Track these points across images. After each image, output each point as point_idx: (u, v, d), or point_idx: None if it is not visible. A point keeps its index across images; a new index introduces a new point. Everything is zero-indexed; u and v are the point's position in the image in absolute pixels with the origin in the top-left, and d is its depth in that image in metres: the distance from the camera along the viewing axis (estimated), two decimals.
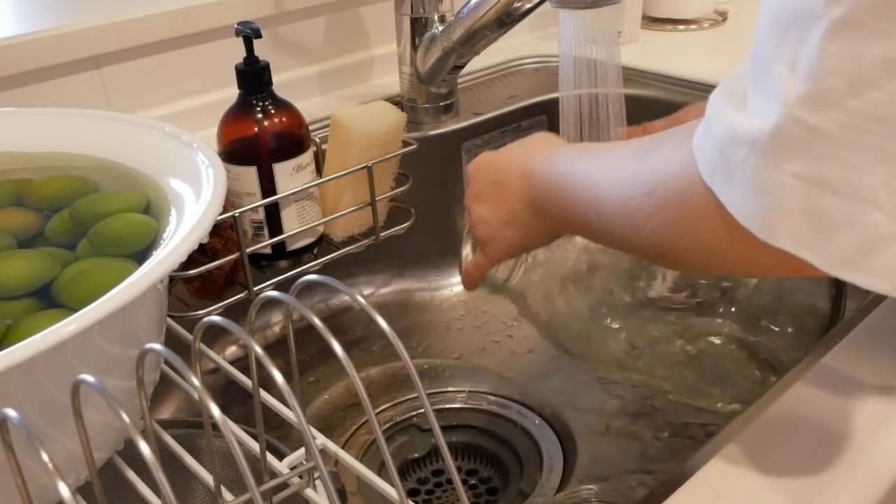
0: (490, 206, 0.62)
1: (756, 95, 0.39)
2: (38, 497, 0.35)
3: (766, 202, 0.38)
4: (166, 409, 0.81)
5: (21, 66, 0.81)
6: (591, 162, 0.54)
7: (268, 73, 0.73)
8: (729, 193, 0.40)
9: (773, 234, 0.38)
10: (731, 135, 0.39)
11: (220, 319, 0.35)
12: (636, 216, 0.48)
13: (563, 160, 0.56)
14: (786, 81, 0.36)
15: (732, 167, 0.39)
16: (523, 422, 0.82)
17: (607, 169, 0.52)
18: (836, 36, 0.35)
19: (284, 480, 0.48)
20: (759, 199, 0.38)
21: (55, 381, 0.37)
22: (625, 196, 0.49)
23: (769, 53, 0.38)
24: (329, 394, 0.87)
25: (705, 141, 0.42)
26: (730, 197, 0.40)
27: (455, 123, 0.99)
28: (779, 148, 0.37)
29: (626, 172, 0.50)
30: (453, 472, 0.39)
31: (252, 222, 0.74)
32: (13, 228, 0.51)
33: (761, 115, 0.38)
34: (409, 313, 0.98)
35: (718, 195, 0.41)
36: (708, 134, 0.41)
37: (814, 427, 0.50)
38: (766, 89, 0.38)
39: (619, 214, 0.49)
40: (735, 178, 0.39)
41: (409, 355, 0.37)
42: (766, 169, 0.38)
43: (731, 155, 0.39)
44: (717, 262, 0.47)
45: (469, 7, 0.86)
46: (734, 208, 0.40)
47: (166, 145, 0.53)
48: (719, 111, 0.41)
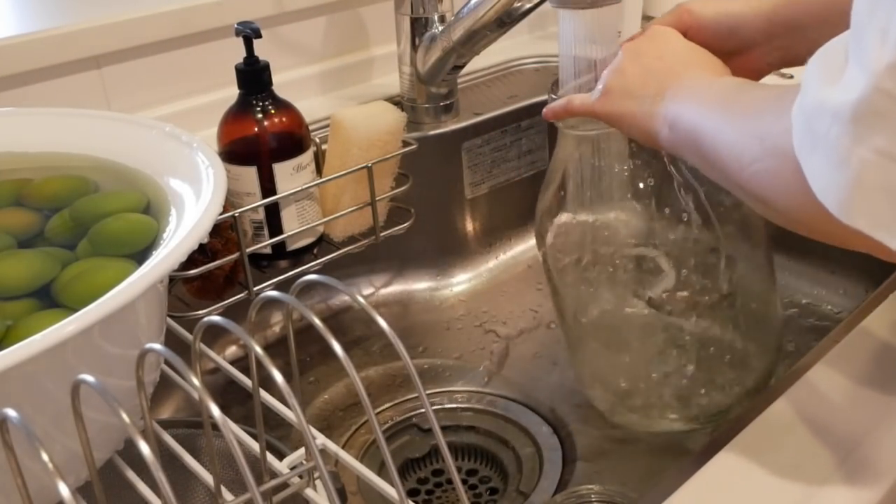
0: (636, 69, 0.61)
1: (849, 65, 0.37)
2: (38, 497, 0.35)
3: (845, 177, 0.36)
4: (166, 409, 0.81)
5: (21, 66, 0.81)
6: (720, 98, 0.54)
7: (268, 73, 0.73)
8: (810, 165, 0.39)
9: (848, 212, 0.37)
10: (818, 105, 0.38)
11: (220, 319, 0.35)
12: (744, 154, 0.47)
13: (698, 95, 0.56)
14: (876, 50, 0.35)
15: (816, 138, 0.38)
16: (523, 422, 0.82)
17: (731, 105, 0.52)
18: None
19: (284, 480, 0.48)
20: (838, 174, 0.37)
21: (55, 381, 0.37)
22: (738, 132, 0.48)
23: (863, 20, 0.36)
24: (329, 394, 0.87)
25: (799, 112, 0.41)
26: (811, 168, 0.39)
27: (455, 123, 0.99)
28: (862, 119, 0.35)
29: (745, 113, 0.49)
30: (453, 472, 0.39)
31: (252, 222, 0.74)
32: (13, 228, 0.51)
33: (849, 85, 0.36)
34: (409, 313, 0.98)
35: (802, 165, 0.40)
36: (801, 106, 0.40)
37: (814, 427, 0.50)
38: (858, 58, 0.36)
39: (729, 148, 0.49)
40: (817, 149, 0.38)
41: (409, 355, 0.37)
42: (847, 141, 0.36)
43: (816, 125, 0.38)
44: (803, 225, 0.46)
45: (469, 7, 0.86)
46: (813, 181, 0.39)
47: (166, 145, 0.53)
48: (812, 80, 0.40)
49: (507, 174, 1.04)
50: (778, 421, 0.51)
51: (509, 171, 1.04)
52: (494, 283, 1.01)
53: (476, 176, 1.02)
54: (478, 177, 1.02)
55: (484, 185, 1.03)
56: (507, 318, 0.96)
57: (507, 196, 1.04)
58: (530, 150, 1.04)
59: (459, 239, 1.03)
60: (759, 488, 0.47)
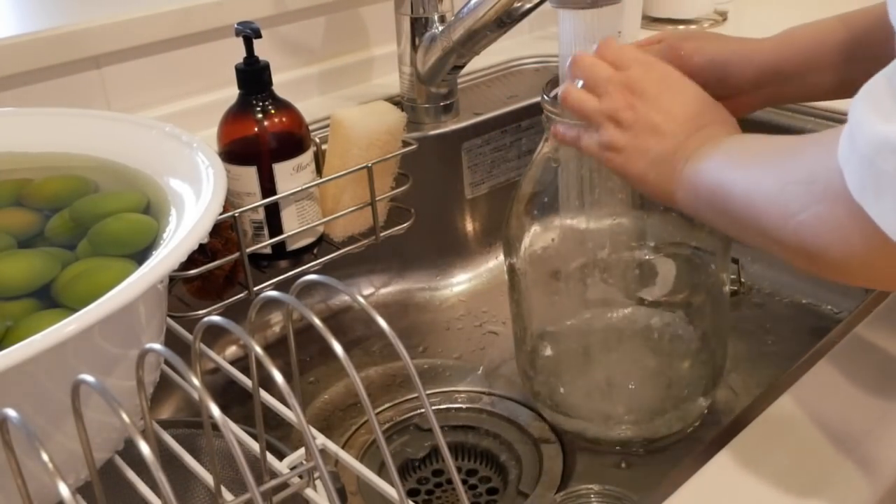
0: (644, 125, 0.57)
1: None
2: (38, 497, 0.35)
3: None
4: (166, 409, 0.81)
5: (21, 66, 0.81)
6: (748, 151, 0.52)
7: (268, 73, 0.73)
8: (880, 208, 0.37)
9: None
10: (879, 144, 0.37)
11: (220, 319, 0.35)
12: (791, 203, 0.44)
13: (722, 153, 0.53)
14: None
15: (882, 179, 0.37)
16: (523, 421, 0.82)
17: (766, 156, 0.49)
18: None
19: (284, 480, 0.48)
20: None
21: (55, 381, 0.37)
22: (781, 181, 0.46)
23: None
24: (329, 394, 0.87)
25: (852, 154, 0.39)
26: (881, 211, 0.38)
27: (455, 123, 0.99)
28: None
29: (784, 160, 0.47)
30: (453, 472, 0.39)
31: (252, 222, 0.74)
32: (13, 228, 0.51)
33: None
34: (409, 313, 0.98)
35: (868, 211, 0.38)
36: (853, 147, 0.39)
37: (814, 427, 0.50)
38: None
39: (770, 200, 0.46)
40: (885, 190, 0.37)
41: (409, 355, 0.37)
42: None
43: (881, 165, 0.36)
44: (865, 274, 0.44)
45: (469, 7, 0.86)
46: (885, 223, 0.37)
47: (166, 145, 0.53)
48: (864, 119, 0.38)
49: (507, 174, 1.04)
50: (778, 421, 0.51)
51: (509, 171, 1.04)
52: (494, 283, 1.01)
53: (476, 176, 1.02)
54: (478, 177, 1.02)
55: (484, 185, 1.03)
56: (507, 318, 0.95)
57: (507, 196, 1.03)
58: (530, 150, 1.04)
59: (459, 239, 1.03)
60: (759, 488, 0.47)
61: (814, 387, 0.54)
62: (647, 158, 0.57)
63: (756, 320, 0.90)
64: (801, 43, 0.64)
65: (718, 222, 0.54)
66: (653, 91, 0.57)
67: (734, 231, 0.53)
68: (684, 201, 0.55)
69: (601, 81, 0.59)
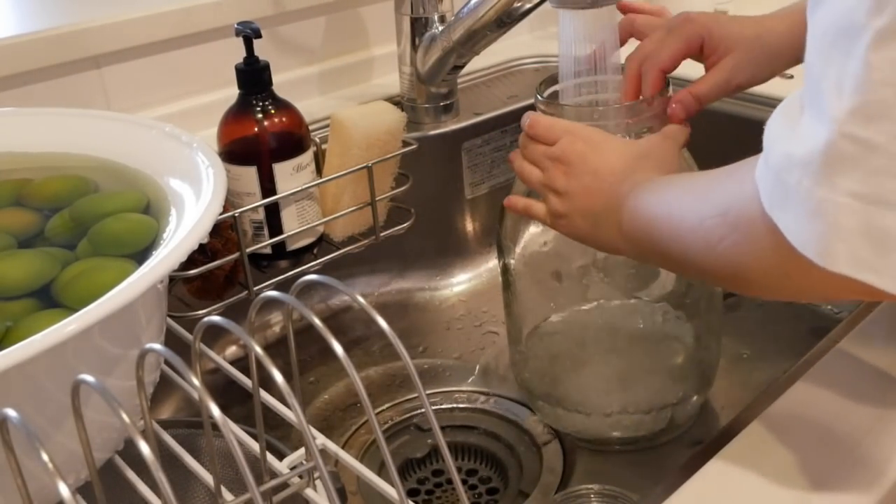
0: (577, 189, 0.61)
1: (809, 117, 0.38)
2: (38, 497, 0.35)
3: (822, 225, 0.37)
4: (166, 409, 0.81)
5: (21, 66, 0.81)
6: (671, 190, 0.55)
7: (268, 73, 0.73)
8: (785, 220, 0.39)
9: (831, 258, 0.37)
10: (785, 159, 0.38)
11: (220, 319, 0.35)
12: (710, 235, 0.48)
13: (648, 194, 0.56)
14: (835, 99, 0.35)
15: (788, 192, 0.38)
16: (523, 421, 0.82)
17: (685, 193, 0.53)
18: (882, 46, 0.34)
19: (284, 480, 0.48)
20: (814, 223, 0.37)
21: (55, 381, 0.37)
22: (700, 216, 0.49)
23: (818, 73, 0.37)
24: (329, 394, 0.87)
25: (766, 170, 0.41)
26: (786, 223, 0.39)
27: (455, 123, 0.99)
28: (831, 166, 0.36)
29: (701, 196, 0.50)
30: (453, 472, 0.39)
31: (252, 222, 0.74)
32: (13, 228, 0.51)
33: (813, 135, 0.37)
34: (409, 313, 0.98)
35: (777, 222, 0.40)
36: (766, 163, 0.41)
37: (814, 427, 0.50)
38: (817, 110, 0.37)
39: (693, 233, 0.49)
40: (790, 202, 0.38)
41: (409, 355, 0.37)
42: (819, 189, 0.36)
43: (786, 179, 0.38)
44: (784, 288, 0.46)
45: (469, 7, 0.86)
46: (790, 234, 0.39)
47: (166, 145, 0.53)
48: (776, 136, 0.40)
49: (507, 174, 1.04)
50: (778, 421, 0.51)
51: (509, 171, 1.04)
52: (494, 283, 1.01)
53: (476, 176, 1.02)
54: (478, 177, 1.02)
55: (484, 185, 1.03)
56: None
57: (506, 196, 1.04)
58: None
59: (459, 239, 1.03)
60: (759, 488, 0.47)
61: (814, 387, 0.54)
62: (588, 218, 0.61)
63: (756, 320, 0.90)
64: None
65: (659, 262, 0.59)
66: (580, 157, 0.62)
67: (673, 267, 0.58)
68: (628, 249, 0.59)
69: (538, 157, 0.65)
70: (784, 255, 0.40)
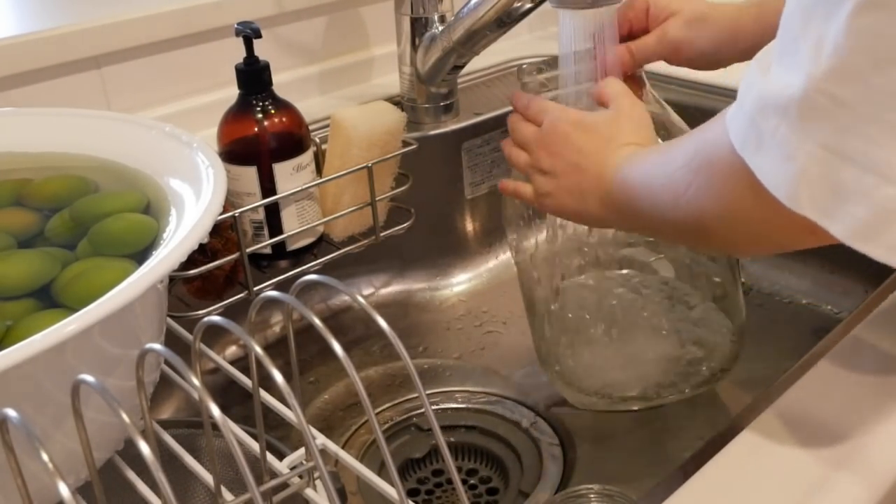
0: (562, 170, 0.64)
1: (780, 67, 0.40)
2: (38, 497, 0.35)
3: (793, 169, 0.39)
4: (166, 409, 0.81)
5: (21, 66, 0.81)
6: (650, 157, 0.57)
7: (268, 73, 0.73)
8: (759, 161, 0.41)
9: (797, 200, 0.39)
10: (761, 103, 0.41)
11: (220, 319, 0.36)
12: (677, 186, 0.50)
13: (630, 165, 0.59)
14: (813, 56, 0.38)
15: (763, 135, 0.40)
16: (523, 421, 0.82)
17: (659, 155, 0.55)
18: (863, 14, 0.36)
19: (284, 480, 0.48)
20: (786, 166, 0.39)
21: (55, 381, 0.37)
22: (669, 170, 0.52)
23: (797, 30, 0.39)
24: (329, 394, 0.87)
25: (738, 112, 0.43)
26: (760, 164, 0.41)
27: (455, 123, 0.99)
28: (807, 116, 0.38)
29: (671, 153, 0.53)
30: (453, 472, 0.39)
31: (252, 222, 0.74)
32: (13, 228, 0.51)
33: (788, 84, 0.39)
34: (409, 313, 0.98)
35: (749, 163, 0.42)
36: (739, 106, 0.43)
37: (814, 427, 0.50)
38: (792, 62, 0.39)
39: (664, 189, 0.52)
40: (765, 145, 0.40)
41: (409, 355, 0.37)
42: (794, 136, 0.39)
43: (761, 123, 0.40)
44: (743, 232, 0.48)
45: (469, 7, 0.86)
46: (763, 175, 0.41)
47: (166, 145, 0.53)
48: (751, 80, 0.42)
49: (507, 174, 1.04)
50: (778, 421, 0.51)
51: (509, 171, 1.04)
52: (494, 283, 1.01)
53: (476, 176, 1.02)
54: (478, 177, 1.02)
55: (484, 185, 1.03)
56: (507, 318, 0.96)
57: None
58: None
59: (459, 239, 1.03)
60: (759, 488, 0.47)
61: (814, 387, 0.54)
62: (575, 194, 0.63)
63: (756, 320, 0.90)
64: None
65: (641, 228, 0.61)
66: (565, 136, 0.64)
67: (649, 230, 0.61)
68: (615, 221, 0.62)
69: (524, 140, 0.67)
70: (749, 195, 0.43)
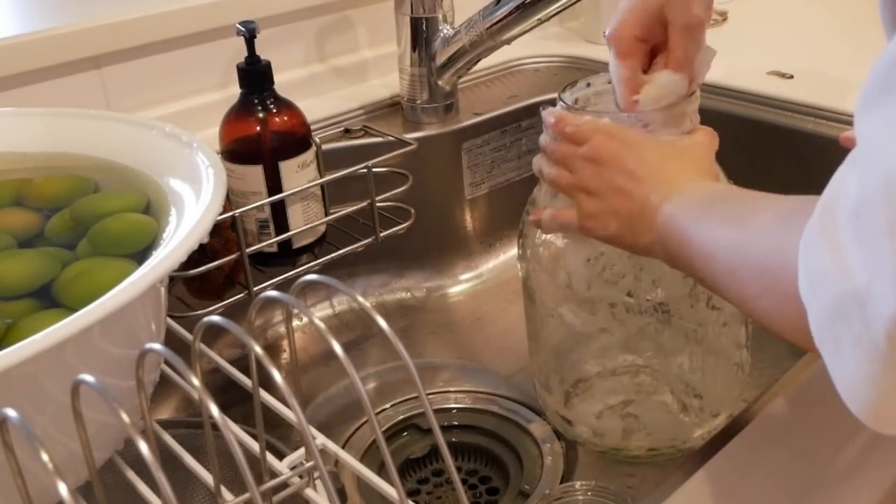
0: (610, 189, 0.60)
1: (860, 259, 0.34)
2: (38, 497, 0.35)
3: (878, 391, 0.35)
4: (166, 409, 0.81)
5: (21, 66, 0.81)
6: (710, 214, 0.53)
7: (269, 72, 0.73)
8: (836, 365, 0.37)
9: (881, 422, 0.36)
10: (838, 309, 0.35)
11: (220, 319, 0.35)
12: (744, 288, 0.46)
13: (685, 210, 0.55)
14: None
15: (842, 343, 0.36)
16: (523, 421, 0.82)
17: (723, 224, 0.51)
18: None
19: (284, 480, 0.48)
20: (870, 387, 0.35)
21: (55, 381, 0.37)
22: (735, 264, 0.48)
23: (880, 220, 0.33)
24: (329, 394, 0.87)
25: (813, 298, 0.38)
26: (836, 369, 0.37)
27: (455, 123, 0.99)
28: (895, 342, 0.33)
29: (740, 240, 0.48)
30: (453, 472, 0.39)
31: (258, 220, 0.74)
32: (13, 228, 0.51)
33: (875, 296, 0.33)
34: (409, 313, 0.98)
35: (825, 359, 0.38)
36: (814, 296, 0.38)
37: (813, 427, 0.50)
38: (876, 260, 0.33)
39: (726, 277, 0.48)
40: (844, 354, 0.36)
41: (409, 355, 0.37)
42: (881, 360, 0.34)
43: (840, 330, 0.36)
44: None
45: None
46: (839, 380, 0.37)
47: (166, 145, 0.53)
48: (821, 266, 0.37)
49: (507, 174, 1.04)
50: (778, 421, 0.51)
51: (509, 171, 1.04)
52: (494, 283, 1.01)
53: (476, 176, 1.02)
54: (478, 177, 1.02)
55: (484, 185, 1.03)
56: (508, 318, 0.96)
57: (507, 196, 1.04)
58: (530, 150, 1.04)
59: (459, 239, 1.03)
60: (759, 488, 0.47)
61: (814, 387, 0.54)
62: (619, 219, 0.59)
63: None
64: None
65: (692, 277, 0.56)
66: (614, 156, 0.60)
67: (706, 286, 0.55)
68: (662, 256, 0.58)
69: (567, 158, 0.62)
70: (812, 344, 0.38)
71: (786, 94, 0.93)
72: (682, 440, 0.72)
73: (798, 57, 1.03)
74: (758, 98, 0.94)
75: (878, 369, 0.34)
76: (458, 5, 0.95)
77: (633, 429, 0.72)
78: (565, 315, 0.70)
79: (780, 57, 1.03)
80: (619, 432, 0.72)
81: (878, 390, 0.35)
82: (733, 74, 0.96)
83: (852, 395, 0.37)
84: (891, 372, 0.34)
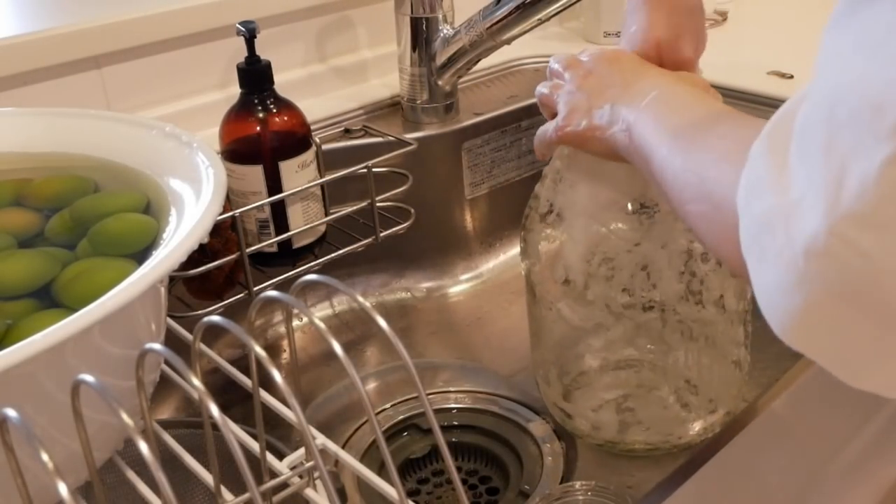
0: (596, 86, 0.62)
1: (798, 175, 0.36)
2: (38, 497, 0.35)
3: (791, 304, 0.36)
4: (166, 409, 0.81)
5: (21, 66, 0.81)
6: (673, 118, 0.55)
7: (269, 72, 0.73)
8: (758, 273, 0.38)
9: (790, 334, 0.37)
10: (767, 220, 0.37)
11: (220, 319, 0.36)
12: (684, 189, 0.49)
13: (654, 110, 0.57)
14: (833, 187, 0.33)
15: (766, 252, 0.37)
16: (523, 421, 0.82)
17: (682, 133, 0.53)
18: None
19: (284, 480, 0.48)
20: (784, 298, 0.36)
21: (55, 381, 0.37)
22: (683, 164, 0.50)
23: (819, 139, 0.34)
24: (329, 394, 0.87)
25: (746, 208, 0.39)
26: (758, 277, 0.38)
27: (455, 123, 0.99)
28: (816, 256, 0.34)
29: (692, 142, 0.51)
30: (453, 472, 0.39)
31: (258, 220, 0.74)
32: (13, 228, 0.51)
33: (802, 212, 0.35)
34: (409, 313, 0.98)
35: (749, 268, 0.39)
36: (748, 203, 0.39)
37: (813, 427, 0.50)
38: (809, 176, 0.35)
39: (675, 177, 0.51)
40: (767, 263, 0.37)
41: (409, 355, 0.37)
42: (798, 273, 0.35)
43: (765, 241, 0.37)
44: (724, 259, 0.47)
45: None
46: (758, 288, 0.38)
47: (166, 145, 0.53)
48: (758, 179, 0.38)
49: (507, 174, 1.04)
50: (777, 421, 0.51)
51: (509, 171, 1.04)
52: (494, 283, 1.01)
53: (476, 176, 1.02)
54: (478, 177, 1.02)
55: (484, 185, 1.03)
56: (508, 318, 0.96)
57: (507, 196, 1.04)
58: (530, 150, 1.04)
59: (459, 239, 1.03)
60: (759, 488, 0.47)
61: (813, 387, 0.54)
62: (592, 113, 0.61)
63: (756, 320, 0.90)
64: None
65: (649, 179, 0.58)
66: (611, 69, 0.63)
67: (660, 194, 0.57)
68: (625, 151, 0.59)
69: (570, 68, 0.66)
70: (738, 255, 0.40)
71: (786, 94, 0.93)
72: (678, 435, 0.72)
73: (798, 57, 1.03)
74: (758, 98, 0.94)
75: (794, 282, 0.35)
76: (458, 5, 0.95)
77: (631, 423, 0.73)
78: (563, 310, 0.71)
79: (780, 57, 1.03)
80: (616, 426, 0.73)
81: (792, 303, 0.36)
82: (733, 74, 0.96)
83: (769, 303, 0.38)
84: (805, 287, 0.35)
